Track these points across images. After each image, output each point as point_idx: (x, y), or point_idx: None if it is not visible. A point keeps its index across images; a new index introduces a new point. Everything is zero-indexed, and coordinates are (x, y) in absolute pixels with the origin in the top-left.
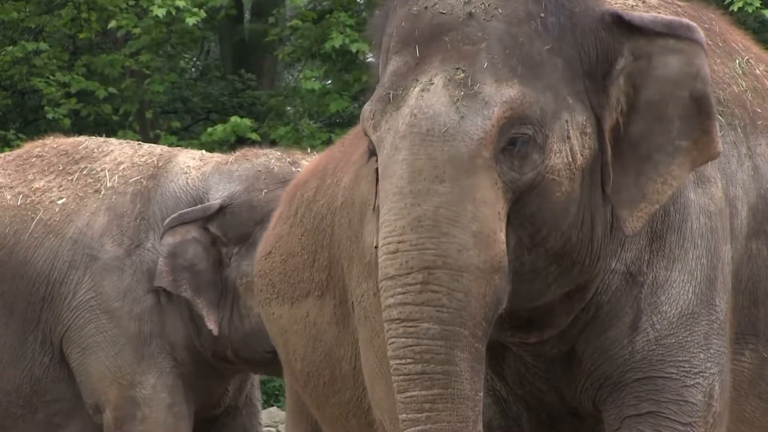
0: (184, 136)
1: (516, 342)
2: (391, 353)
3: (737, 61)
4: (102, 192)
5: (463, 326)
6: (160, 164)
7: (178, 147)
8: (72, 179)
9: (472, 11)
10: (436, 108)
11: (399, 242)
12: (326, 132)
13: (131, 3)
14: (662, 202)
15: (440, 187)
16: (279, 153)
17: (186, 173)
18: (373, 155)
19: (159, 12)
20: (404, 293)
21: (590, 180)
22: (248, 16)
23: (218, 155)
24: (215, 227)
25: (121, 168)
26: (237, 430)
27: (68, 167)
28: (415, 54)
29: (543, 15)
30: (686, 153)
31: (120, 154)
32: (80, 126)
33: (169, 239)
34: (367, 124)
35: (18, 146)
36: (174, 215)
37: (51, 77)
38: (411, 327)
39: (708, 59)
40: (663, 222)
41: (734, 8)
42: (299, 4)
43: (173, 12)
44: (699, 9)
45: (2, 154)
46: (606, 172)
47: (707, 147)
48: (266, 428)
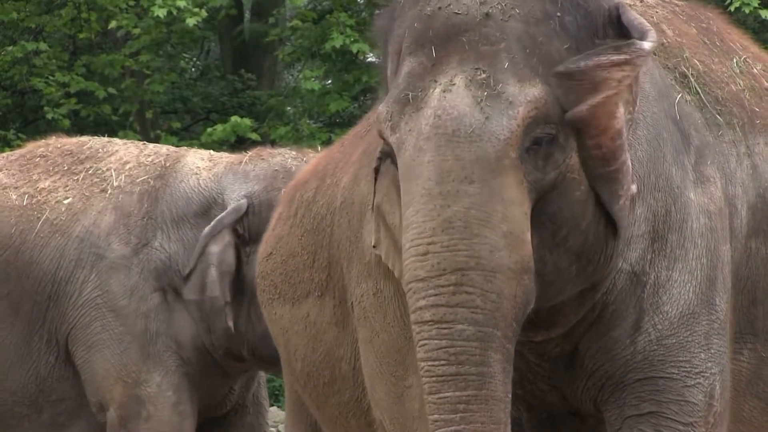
0: (185, 136)
1: (521, 340)
2: (424, 355)
3: (735, 60)
4: (109, 191)
5: (497, 327)
6: (168, 164)
7: (182, 147)
8: (78, 179)
9: (489, 11)
10: (461, 108)
11: (429, 244)
12: (326, 132)
13: (131, 3)
14: (622, 172)
15: (470, 188)
16: (294, 152)
17: (196, 174)
18: (388, 157)
19: (160, 12)
20: (437, 295)
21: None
22: (248, 16)
23: (227, 155)
24: (242, 227)
25: (128, 168)
26: (244, 429)
27: (73, 167)
28: (431, 55)
29: (560, 14)
30: None
31: (125, 154)
32: (80, 126)
33: (214, 248)
34: (384, 126)
35: (18, 146)
36: (213, 222)
37: (51, 77)
38: (445, 329)
39: (706, 58)
40: (665, 222)
41: (732, 8)
42: (299, 5)
43: (174, 12)
44: (696, 8)
45: (4, 154)
46: None
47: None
48: None
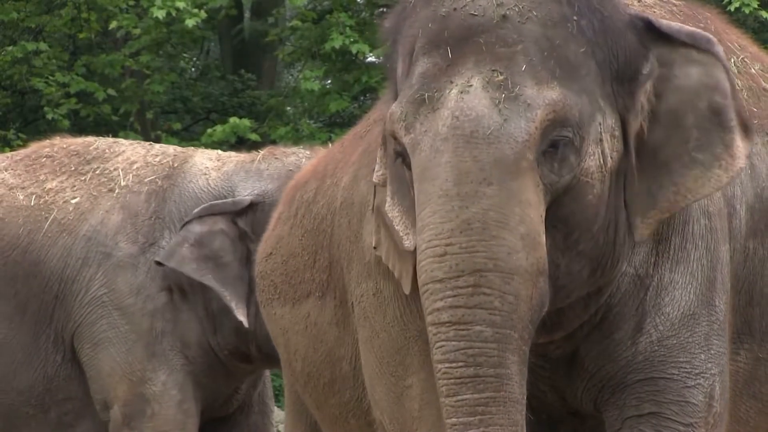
0: (185, 137)
1: None
2: (441, 357)
3: (732, 60)
4: (116, 191)
5: (514, 329)
6: (176, 164)
7: (189, 147)
8: (85, 179)
9: (506, 13)
10: (479, 110)
11: (447, 245)
12: (326, 132)
13: (131, 3)
14: (672, 212)
15: (488, 190)
16: (308, 151)
17: (205, 174)
18: (400, 157)
19: (159, 14)
20: (455, 296)
21: (615, 183)
22: (248, 16)
23: (236, 154)
24: (244, 222)
25: (135, 167)
26: (250, 429)
27: (80, 167)
28: (447, 55)
29: (576, 18)
30: (705, 167)
31: (132, 154)
32: (80, 126)
33: (197, 228)
34: (398, 126)
35: (18, 146)
36: (204, 206)
37: (51, 77)
38: (463, 330)
39: None
40: (668, 224)
41: (731, 8)
42: (299, 5)
43: (173, 13)
44: (694, 8)
45: (8, 154)
46: (630, 177)
47: (730, 162)
48: None
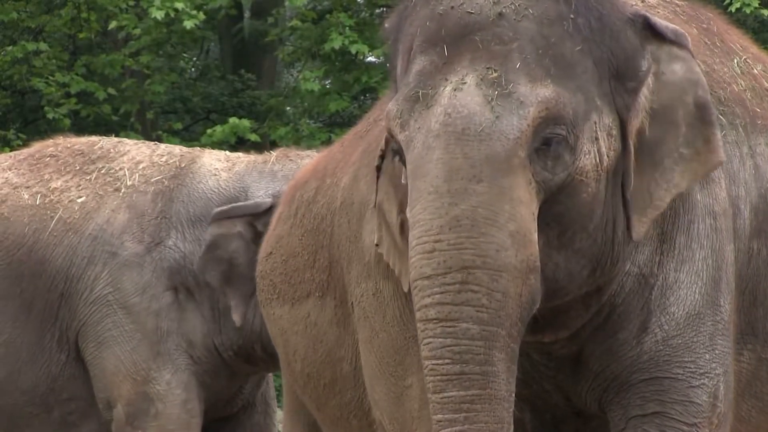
0: (185, 137)
1: (527, 340)
2: (428, 353)
3: (735, 61)
4: (122, 190)
5: (501, 326)
6: (183, 165)
7: (195, 148)
8: (90, 179)
9: (502, 11)
10: (471, 107)
11: (436, 241)
12: (326, 132)
13: (131, 3)
14: (660, 209)
15: (478, 187)
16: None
17: (215, 175)
18: (397, 154)
19: (158, 14)
20: (442, 293)
21: (613, 182)
22: (248, 15)
23: (245, 155)
24: (262, 225)
25: (141, 167)
26: (253, 429)
27: (85, 167)
28: (443, 53)
29: (573, 16)
30: (687, 162)
31: (138, 154)
32: (80, 126)
33: (215, 230)
34: (394, 123)
35: (18, 146)
36: (224, 207)
37: (51, 77)
38: (449, 327)
39: (708, 59)
40: (673, 223)
41: (732, 8)
42: (299, 5)
43: (172, 14)
44: (697, 8)
45: (12, 154)
46: (627, 176)
47: (708, 156)
48: None
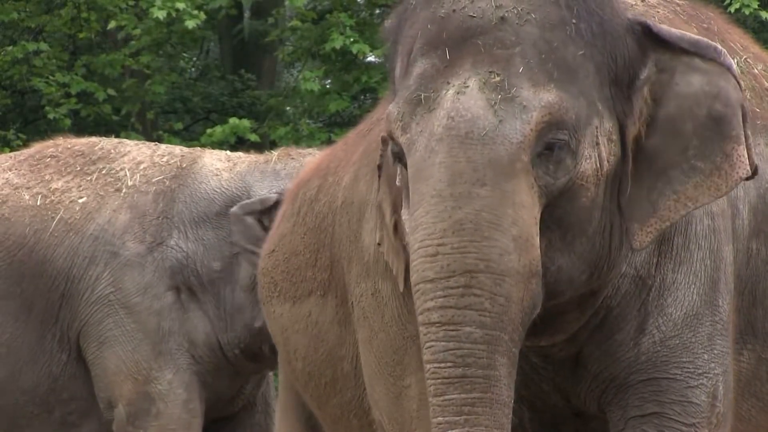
0: (185, 137)
1: (526, 344)
2: (430, 356)
3: (735, 60)
4: (123, 191)
5: (504, 331)
6: (184, 165)
7: (196, 148)
8: (91, 179)
9: (505, 15)
10: (474, 111)
11: (439, 245)
12: (326, 132)
13: (131, 3)
14: (673, 221)
15: (481, 191)
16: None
17: (217, 175)
18: (396, 157)
19: (159, 14)
20: (445, 296)
21: (611, 188)
22: (248, 16)
23: (245, 155)
24: (269, 221)
25: (142, 167)
26: (253, 428)
27: (86, 167)
28: (445, 56)
29: (575, 21)
30: (705, 176)
31: (138, 154)
32: (80, 126)
33: (233, 227)
34: (395, 126)
35: (18, 146)
36: (240, 204)
37: (51, 77)
38: (452, 330)
39: None
40: (670, 225)
41: (732, 9)
42: (299, 5)
43: (173, 14)
44: (697, 8)
45: (12, 154)
46: (624, 182)
47: (730, 172)
48: None
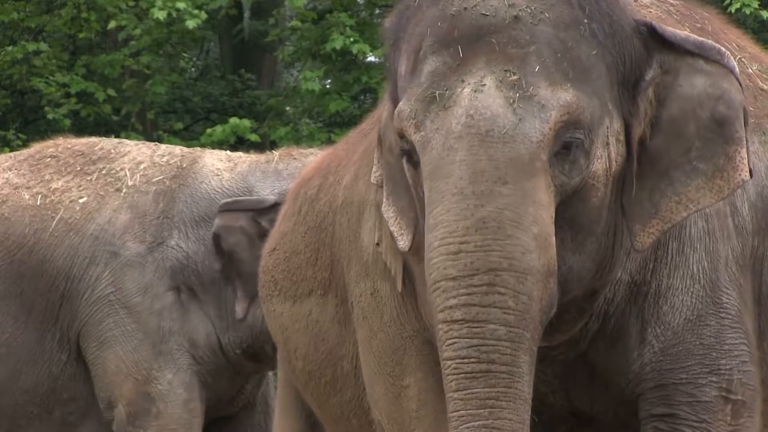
0: (185, 137)
1: None
2: (452, 353)
3: None
4: (123, 191)
5: (526, 329)
6: (185, 165)
7: (196, 148)
8: (91, 179)
9: (518, 14)
10: (494, 109)
11: (462, 243)
12: (326, 132)
13: (131, 3)
14: (675, 222)
15: (503, 189)
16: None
17: (218, 175)
18: (406, 154)
19: (160, 15)
20: (469, 294)
21: (616, 188)
22: (248, 16)
23: (246, 155)
24: (267, 221)
25: (142, 167)
26: (253, 428)
27: (86, 167)
28: (457, 54)
29: (587, 21)
30: (707, 178)
31: (138, 154)
32: (80, 126)
33: (218, 221)
34: (407, 124)
35: (18, 146)
36: (229, 200)
37: (51, 77)
38: (477, 328)
39: None
40: (672, 227)
41: (732, 9)
42: (299, 5)
43: (173, 14)
44: (691, 7)
45: (12, 154)
46: (628, 183)
47: (732, 174)
48: None
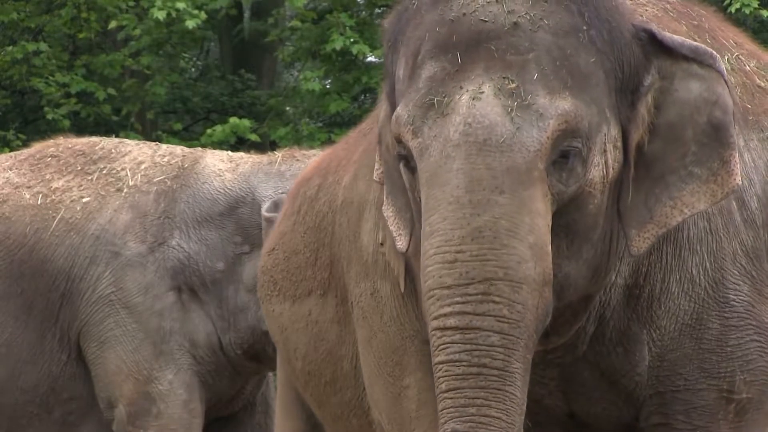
0: (185, 137)
1: None
2: (444, 357)
3: (726, 57)
4: (124, 190)
5: (521, 337)
6: (186, 165)
7: (197, 148)
8: (92, 179)
9: (517, 21)
10: (492, 118)
11: (458, 252)
12: (326, 132)
13: (131, 4)
14: (670, 226)
15: (500, 198)
16: None
17: (220, 175)
18: (403, 159)
19: (159, 15)
20: (464, 303)
21: (612, 194)
22: (248, 16)
23: (247, 156)
24: None
25: (143, 167)
26: (253, 428)
27: (86, 167)
28: (456, 60)
29: (586, 28)
30: (701, 182)
31: (139, 154)
32: (80, 126)
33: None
34: (405, 129)
35: (18, 146)
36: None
37: (51, 77)
38: (470, 334)
39: None
40: (667, 231)
41: (732, 9)
42: (299, 5)
43: (173, 14)
44: (688, 5)
45: (12, 154)
46: (625, 188)
47: (727, 178)
48: None
